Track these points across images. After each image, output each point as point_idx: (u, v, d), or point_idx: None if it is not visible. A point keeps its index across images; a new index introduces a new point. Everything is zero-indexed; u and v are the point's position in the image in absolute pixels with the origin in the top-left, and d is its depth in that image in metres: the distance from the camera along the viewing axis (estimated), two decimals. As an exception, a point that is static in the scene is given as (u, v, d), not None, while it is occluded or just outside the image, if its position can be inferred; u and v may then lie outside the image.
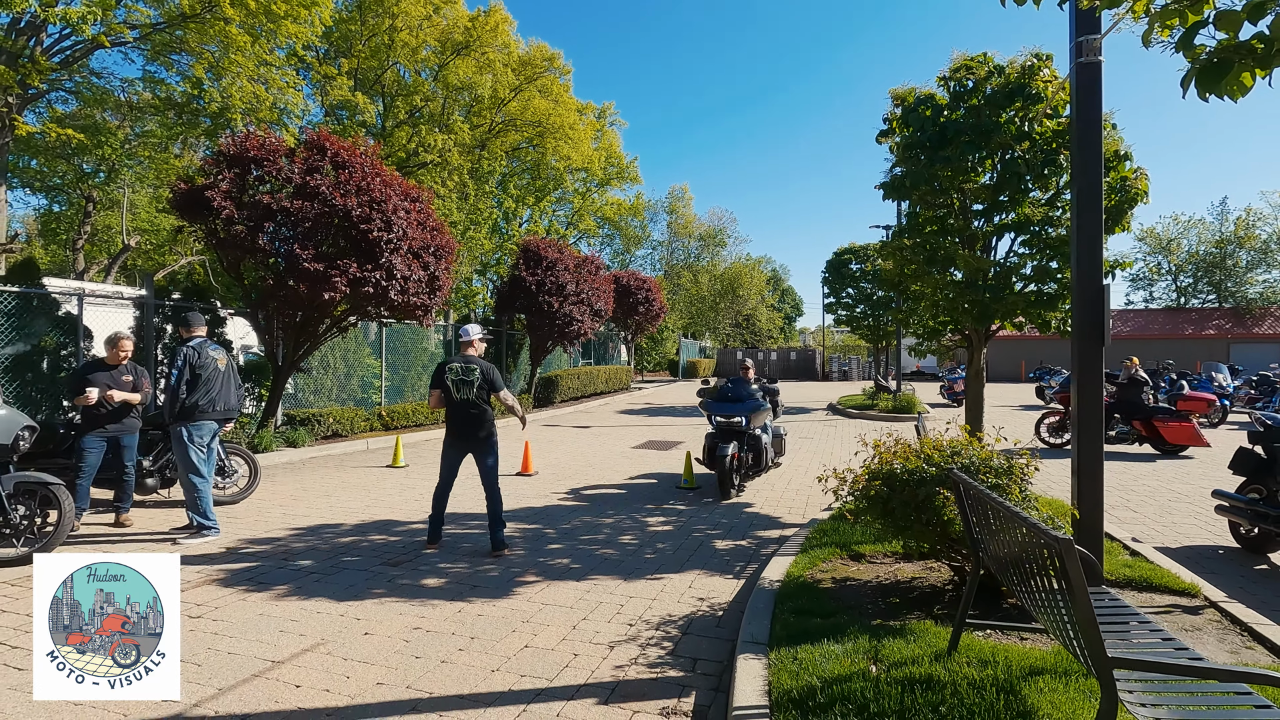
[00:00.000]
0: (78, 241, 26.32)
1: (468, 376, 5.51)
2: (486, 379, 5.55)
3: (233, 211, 8.73)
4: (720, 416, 7.68)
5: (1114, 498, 7.72)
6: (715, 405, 7.81)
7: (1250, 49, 1.62)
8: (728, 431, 7.65)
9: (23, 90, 17.64)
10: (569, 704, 3.10)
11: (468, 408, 5.50)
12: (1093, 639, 1.78)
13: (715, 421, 7.74)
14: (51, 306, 8.71)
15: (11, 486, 4.91)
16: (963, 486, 3.04)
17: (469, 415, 5.51)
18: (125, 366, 6.26)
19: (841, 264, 25.26)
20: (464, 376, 5.50)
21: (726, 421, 7.63)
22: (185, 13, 19.39)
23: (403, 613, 4.17)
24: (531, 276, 17.19)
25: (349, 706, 3.05)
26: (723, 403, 7.81)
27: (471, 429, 5.52)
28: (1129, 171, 6.13)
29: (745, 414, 7.61)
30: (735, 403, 7.79)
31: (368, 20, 27.56)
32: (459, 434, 5.56)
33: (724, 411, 7.65)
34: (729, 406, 7.72)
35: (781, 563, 4.87)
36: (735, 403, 7.79)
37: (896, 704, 2.62)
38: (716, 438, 7.74)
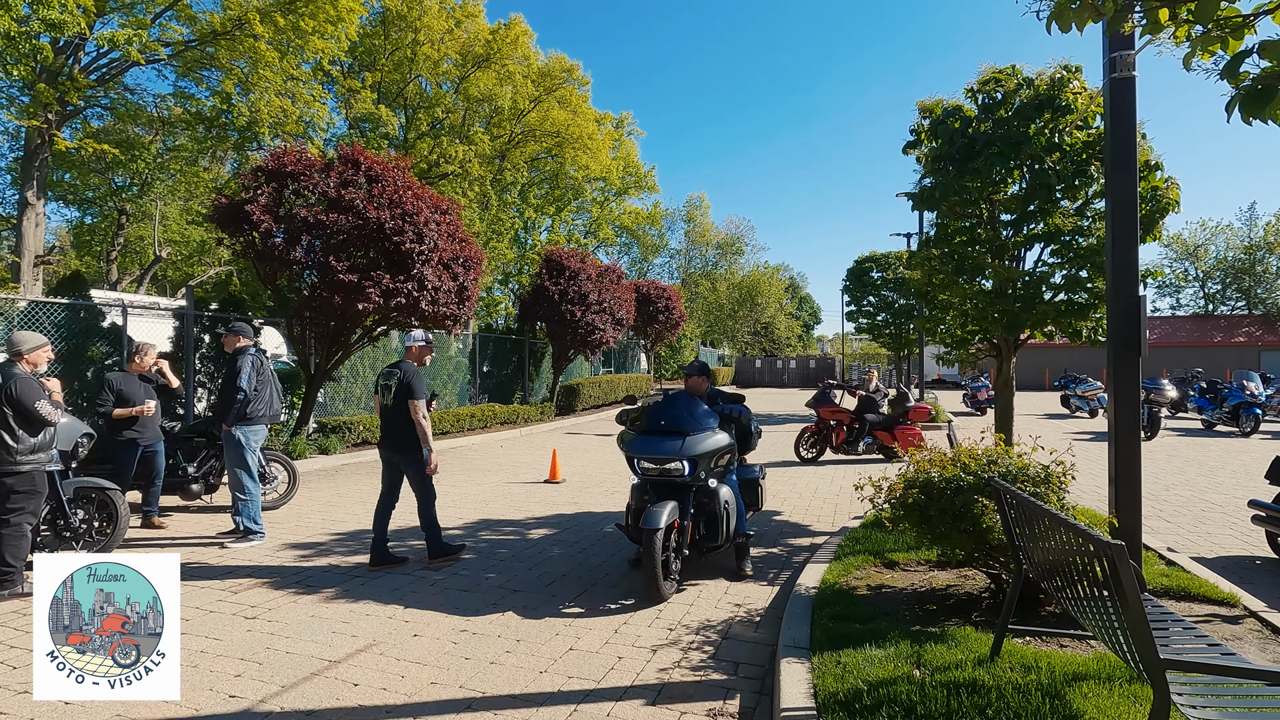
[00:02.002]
0: (111, 253, 27.02)
1: (388, 380, 5.29)
2: (403, 384, 5.21)
3: (271, 225, 8.98)
4: (647, 459, 4.71)
5: (1146, 508, 7.64)
6: (640, 441, 4.83)
7: (1296, 76, 1.70)
8: (661, 484, 4.76)
9: (61, 107, 18.19)
10: (618, 704, 3.19)
11: (388, 413, 5.28)
12: (1145, 642, 1.84)
13: (641, 468, 4.78)
14: (97, 317, 9.00)
15: (72, 491, 5.11)
16: (1006, 494, 3.10)
17: (388, 421, 5.30)
18: (150, 375, 6.57)
19: (862, 272, 25.22)
20: (385, 380, 5.32)
21: (657, 468, 4.68)
22: (216, 30, 19.96)
23: (448, 615, 4.29)
24: (554, 286, 17.38)
25: (407, 704, 3.17)
26: (654, 435, 4.84)
27: (390, 436, 5.30)
28: (1160, 181, 6.14)
29: (688, 456, 4.62)
30: (672, 435, 4.77)
31: (391, 34, 28.08)
32: (382, 440, 5.39)
33: (653, 451, 4.69)
34: (661, 442, 4.73)
35: (816, 570, 4.93)
36: (672, 435, 4.77)
37: (943, 707, 2.69)
38: (643, 493, 4.93)
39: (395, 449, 5.27)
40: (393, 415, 5.24)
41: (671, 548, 4.63)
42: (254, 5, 20.01)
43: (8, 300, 8.92)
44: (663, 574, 4.47)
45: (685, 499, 4.76)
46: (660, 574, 4.42)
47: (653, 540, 4.34)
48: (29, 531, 4.47)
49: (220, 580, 4.93)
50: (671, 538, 4.63)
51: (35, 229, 18.71)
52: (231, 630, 4.01)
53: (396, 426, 5.22)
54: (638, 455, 4.78)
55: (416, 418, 5.16)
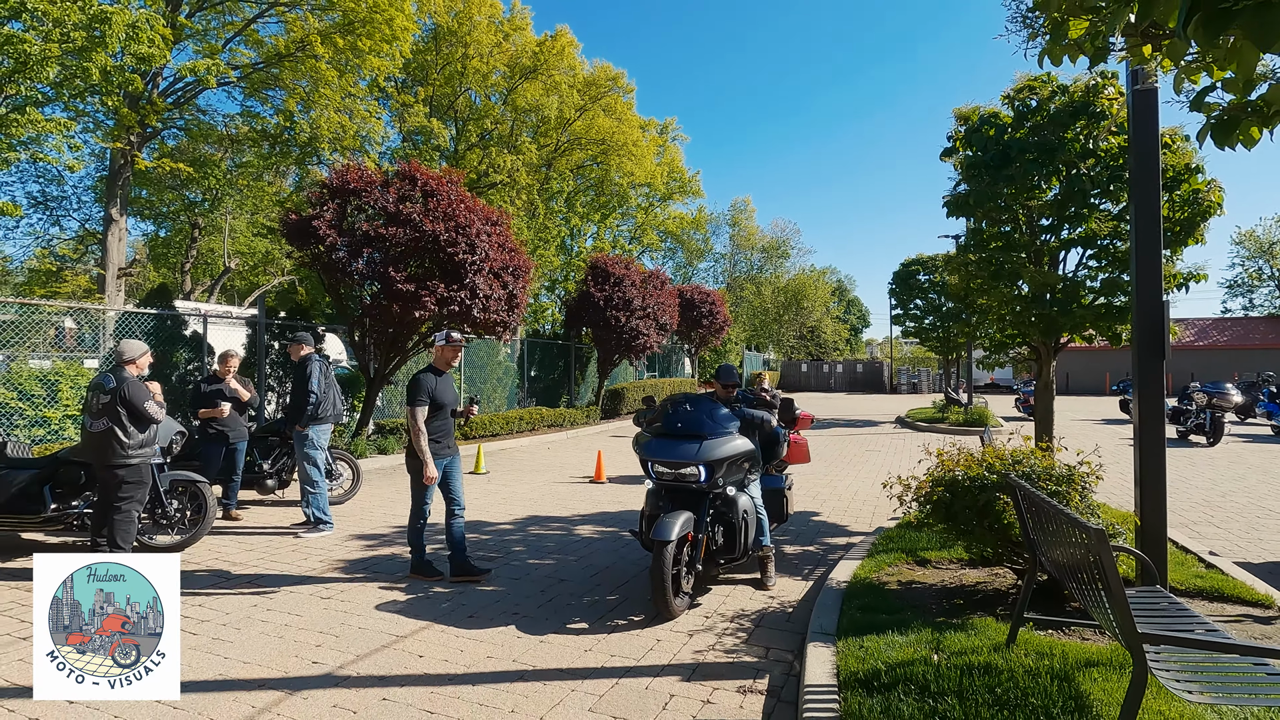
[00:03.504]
0: (185, 265, 28.76)
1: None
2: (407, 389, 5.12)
3: (336, 239, 9.61)
4: (661, 463, 4.54)
5: (1196, 514, 7.58)
6: (655, 444, 4.65)
7: (1257, 107, 1.88)
8: (679, 492, 4.59)
9: (142, 129, 19.52)
10: (655, 680, 3.48)
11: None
12: (1124, 616, 2.04)
13: (655, 472, 4.62)
14: (180, 326, 9.79)
15: (168, 483, 5.69)
16: (1019, 491, 3.29)
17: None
18: (234, 379, 7.17)
19: (909, 275, 24.92)
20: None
21: (672, 472, 4.52)
22: (281, 52, 21.17)
23: (499, 600, 4.67)
24: (600, 292, 17.81)
25: (467, 673, 3.53)
26: (669, 438, 4.65)
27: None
28: (1201, 184, 6.12)
29: (705, 460, 4.43)
30: (689, 439, 4.58)
31: (442, 50, 29.11)
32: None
33: (668, 455, 4.51)
34: (676, 446, 4.54)
35: (848, 566, 5.13)
36: (689, 439, 4.58)
37: (955, 685, 2.90)
38: (658, 499, 4.73)
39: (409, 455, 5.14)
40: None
41: (684, 561, 4.36)
42: (315, 28, 21.15)
43: (101, 310, 9.79)
44: (674, 590, 4.20)
45: (701, 508, 4.49)
46: (670, 589, 4.12)
47: (663, 553, 4.08)
48: (136, 518, 5.03)
49: (297, 566, 5.42)
50: (684, 551, 4.37)
51: (118, 243, 20.11)
52: (310, 608, 4.46)
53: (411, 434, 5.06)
54: (652, 459, 4.56)
55: (411, 424, 4.94)
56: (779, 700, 3.30)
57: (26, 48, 8.44)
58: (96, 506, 5.12)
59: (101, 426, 4.92)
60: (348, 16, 20.97)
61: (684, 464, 4.45)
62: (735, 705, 3.24)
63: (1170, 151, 6.07)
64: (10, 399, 7.84)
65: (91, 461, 5.11)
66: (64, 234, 25.21)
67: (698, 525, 4.47)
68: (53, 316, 10.09)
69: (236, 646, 3.85)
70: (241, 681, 3.42)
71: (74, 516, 5.42)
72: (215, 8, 21.55)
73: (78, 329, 10.11)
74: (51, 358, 9.23)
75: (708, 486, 4.50)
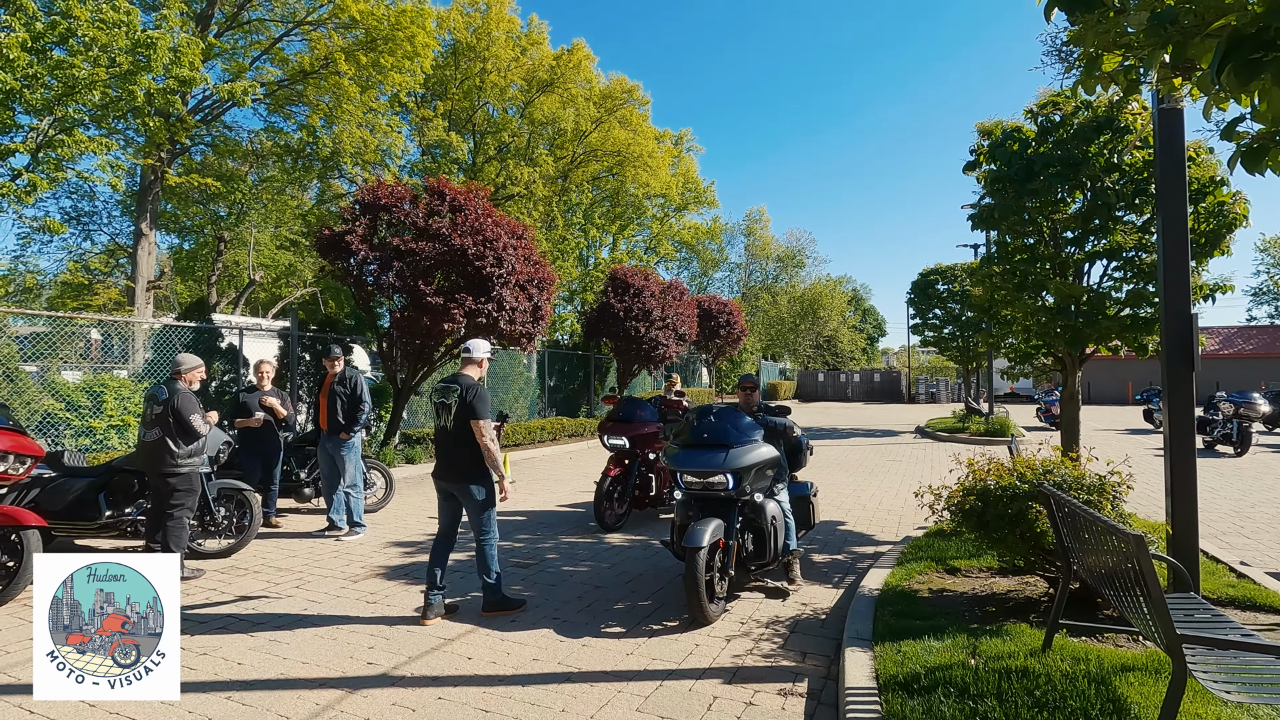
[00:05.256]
0: (211, 277, 29.34)
1: (447, 398, 4.53)
2: (465, 403, 4.45)
3: (367, 253, 9.86)
4: (690, 473, 4.68)
5: (1226, 524, 7.57)
6: (683, 455, 4.78)
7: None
8: (708, 501, 4.72)
9: (172, 146, 20.04)
10: (698, 682, 3.60)
11: (445, 436, 4.55)
12: (1164, 619, 2.14)
13: (684, 482, 4.76)
14: (216, 338, 10.07)
15: (216, 491, 5.90)
16: (1054, 500, 3.38)
17: (445, 447, 4.56)
18: (271, 390, 7.38)
19: (928, 284, 24.89)
20: (443, 398, 4.54)
21: (700, 481, 4.65)
22: (305, 69, 21.68)
23: (539, 604, 4.80)
24: (619, 303, 17.99)
25: (515, 674, 3.67)
26: (696, 448, 4.76)
27: (447, 464, 4.53)
28: (1226, 196, 6.18)
29: (734, 468, 4.57)
30: (716, 448, 4.69)
31: (461, 65, 29.61)
32: (438, 470, 4.59)
33: (695, 464, 4.64)
34: (703, 455, 4.67)
35: (879, 574, 5.21)
36: (716, 448, 4.69)
37: (994, 688, 2.99)
38: (687, 509, 4.84)
39: (455, 478, 4.47)
40: (453, 438, 4.48)
41: (716, 568, 4.48)
42: (339, 45, 21.67)
43: (137, 323, 10.10)
44: (708, 595, 4.32)
45: (730, 515, 4.61)
46: (704, 594, 4.24)
47: (695, 559, 4.19)
48: (187, 524, 5.23)
49: (339, 571, 5.60)
50: (716, 557, 4.49)
51: (148, 257, 20.61)
52: (359, 611, 4.63)
53: (457, 451, 4.46)
54: (680, 469, 4.70)
55: (484, 441, 4.40)
56: (819, 703, 3.40)
57: (75, 72, 8.80)
58: (149, 513, 5.33)
59: (154, 436, 5.14)
60: (370, 34, 21.46)
61: (711, 472, 4.58)
62: (777, 707, 3.35)
63: (1195, 164, 6.14)
64: (58, 409, 8.13)
65: (145, 470, 5.33)
66: (95, 248, 25.85)
67: (728, 532, 4.57)
68: (83, 328, 10.43)
69: (294, 648, 4.01)
70: (303, 680, 3.58)
71: (128, 523, 5.63)
72: (243, 27, 22.15)
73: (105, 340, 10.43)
74: (82, 369, 9.54)
75: (736, 494, 4.62)
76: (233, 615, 4.58)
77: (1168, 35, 1.91)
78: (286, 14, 22.09)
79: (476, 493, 4.46)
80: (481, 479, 4.47)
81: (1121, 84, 2.24)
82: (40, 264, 24.48)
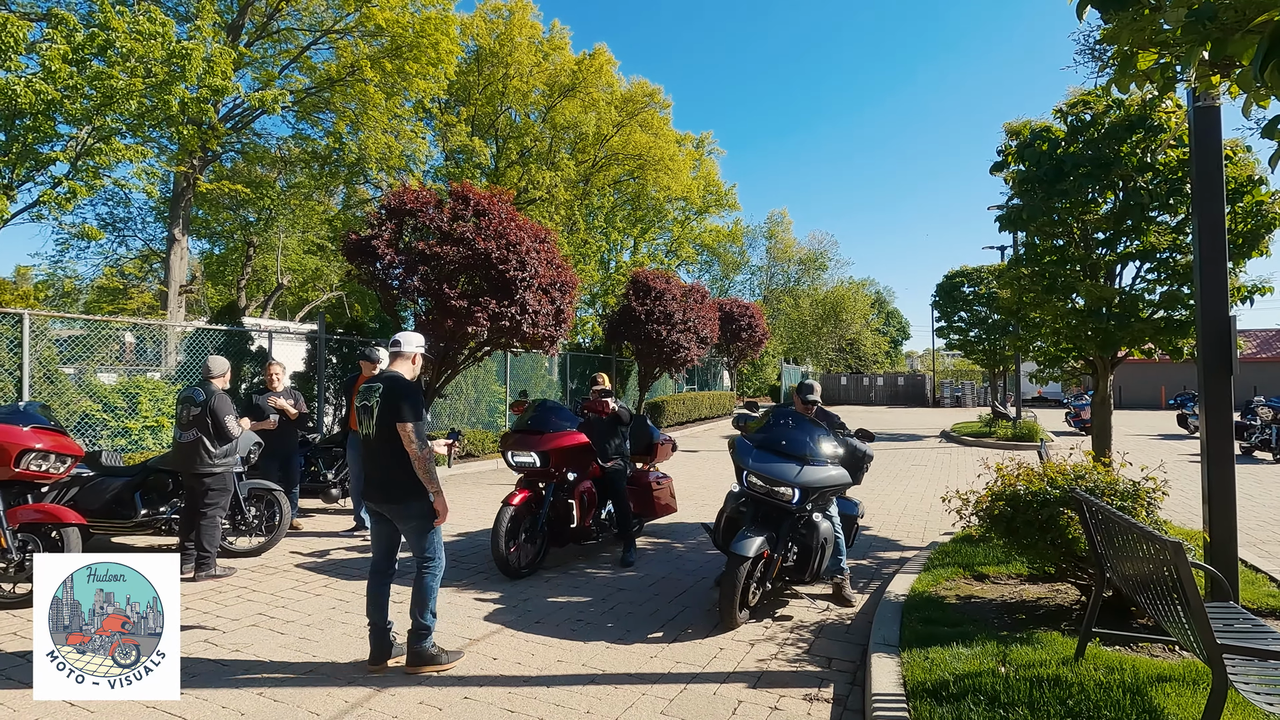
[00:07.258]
0: (240, 281, 29.95)
1: (368, 400, 3.74)
2: (388, 404, 3.64)
3: (393, 257, 9.99)
4: (758, 475, 4.53)
5: (1265, 532, 7.36)
6: (756, 454, 4.64)
7: (1329, 133, 1.95)
8: (764, 505, 4.56)
9: (204, 153, 20.48)
10: (722, 686, 3.59)
11: (368, 446, 3.79)
12: (1203, 627, 2.09)
13: (748, 481, 4.60)
14: (247, 341, 10.27)
15: (246, 491, 6.02)
16: (1087, 505, 3.32)
17: (372, 458, 3.78)
18: (282, 391, 7.39)
19: (953, 287, 24.56)
20: (365, 400, 3.76)
21: (767, 489, 4.49)
22: (332, 77, 22.05)
23: (562, 607, 4.82)
24: (641, 306, 18.01)
25: (540, 676, 3.69)
26: (769, 452, 4.63)
27: (376, 479, 3.74)
28: (1265, 195, 6.02)
29: (804, 485, 4.43)
30: (790, 459, 4.56)
31: (484, 70, 29.91)
32: (365, 488, 3.83)
33: (766, 470, 4.50)
34: (776, 464, 4.53)
35: (905, 579, 5.16)
36: (790, 459, 4.56)
37: (1025, 697, 2.94)
38: (743, 509, 4.77)
39: (382, 496, 3.72)
40: (377, 449, 3.71)
41: (755, 577, 4.42)
42: (365, 53, 22.03)
43: (171, 326, 10.34)
44: (740, 602, 4.33)
45: (783, 527, 4.50)
46: (737, 601, 4.26)
47: (738, 567, 4.19)
48: (220, 523, 5.34)
49: (365, 571, 5.64)
50: (758, 567, 4.42)
51: (180, 262, 21.09)
52: (385, 611, 4.67)
53: (384, 464, 3.69)
54: (750, 469, 4.57)
55: (412, 449, 3.59)
56: (845, 709, 3.37)
57: (113, 83, 9.05)
58: (183, 512, 5.45)
59: (190, 438, 5.26)
60: (395, 41, 21.78)
61: (781, 483, 4.46)
62: (803, 712, 3.32)
63: (1232, 163, 5.99)
64: (95, 410, 8.34)
65: (180, 470, 5.45)
66: (129, 253, 26.50)
67: (775, 543, 4.50)
68: (118, 331, 10.70)
69: (323, 646, 4.08)
70: (332, 678, 3.64)
71: (162, 521, 5.76)
72: (272, 36, 22.60)
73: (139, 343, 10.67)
74: (117, 371, 9.77)
75: (796, 509, 4.51)
76: (263, 613, 4.66)
77: (1206, 32, 1.88)
78: (314, 23, 22.49)
79: (413, 512, 3.70)
80: (418, 495, 3.66)
81: (1157, 82, 2.20)
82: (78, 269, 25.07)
